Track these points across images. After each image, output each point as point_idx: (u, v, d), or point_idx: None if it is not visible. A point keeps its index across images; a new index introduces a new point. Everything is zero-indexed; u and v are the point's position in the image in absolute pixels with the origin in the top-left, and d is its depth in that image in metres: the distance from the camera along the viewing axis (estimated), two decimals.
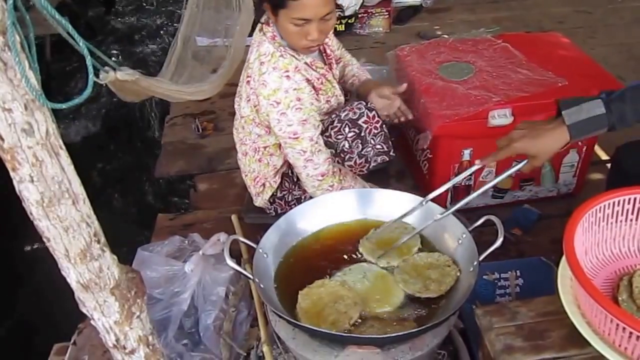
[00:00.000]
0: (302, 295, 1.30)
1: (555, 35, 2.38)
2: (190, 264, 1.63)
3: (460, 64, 2.10)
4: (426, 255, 1.39)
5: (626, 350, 0.94)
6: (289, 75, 1.67)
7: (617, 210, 1.15)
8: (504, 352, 1.06)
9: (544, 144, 1.28)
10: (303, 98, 1.68)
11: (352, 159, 1.83)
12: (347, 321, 1.24)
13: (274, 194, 1.94)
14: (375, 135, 1.80)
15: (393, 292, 1.32)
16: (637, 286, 1.07)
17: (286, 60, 1.69)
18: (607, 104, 1.23)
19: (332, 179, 1.76)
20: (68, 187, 0.95)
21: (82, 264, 1.03)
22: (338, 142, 1.80)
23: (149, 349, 1.22)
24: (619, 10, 3.86)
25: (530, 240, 2.04)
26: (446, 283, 1.29)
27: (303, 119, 1.68)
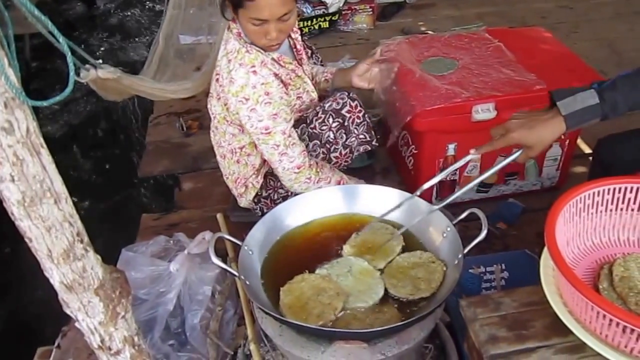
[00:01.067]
0: (283, 291, 1.30)
1: (537, 30, 2.40)
2: (175, 264, 1.63)
3: (445, 60, 2.11)
4: (409, 255, 1.37)
5: (607, 338, 0.95)
6: (256, 71, 1.66)
7: (597, 201, 1.16)
8: (488, 342, 1.07)
9: (540, 134, 1.28)
10: (272, 92, 1.67)
11: (337, 149, 1.84)
12: (332, 312, 1.24)
13: (258, 193, 1.94)
14: (359, 125, 1.83)
15: (374, 288, 1.31)
16: (617, 274, 1.08)
17: (252, 55, 1.68)
18: (600, 94, 1.24)
19: (309, 171, 1.76)
20: (50, 187, 0.94)
21: (66, 264, 1.02)
22: (322, 133, 1.81)
23: (135, 349, 1.21)
24: (600, 6, 3.90)
25: (515, 233, 2.06)
26: (435, 280, 1.29)
27: (273, 113, 1.68)
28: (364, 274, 1.35)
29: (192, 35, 2.86)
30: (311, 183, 1.77)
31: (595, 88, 1.26)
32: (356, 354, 1.20)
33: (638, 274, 1.08)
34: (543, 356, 1.04)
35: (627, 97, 1.24)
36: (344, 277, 1.34)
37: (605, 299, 0.97)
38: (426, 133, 1.96)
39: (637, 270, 1.08)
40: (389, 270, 1.35)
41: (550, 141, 1.30)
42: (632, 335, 0.90)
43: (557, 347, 1.05)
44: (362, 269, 1.36)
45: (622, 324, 0.89)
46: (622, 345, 0.94)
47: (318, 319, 1.23)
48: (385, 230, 1.45)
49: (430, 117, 1.88)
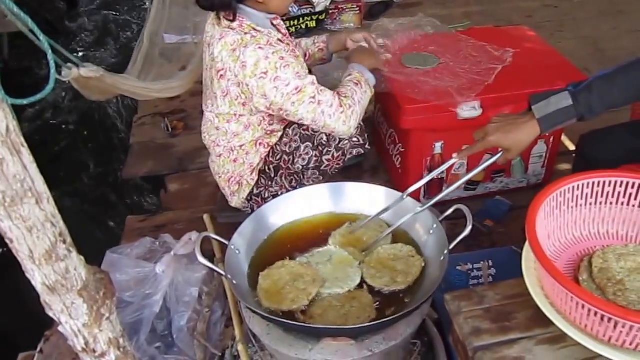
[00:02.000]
0: (262, 276, 1.33)
1: (522, 28, 2.42)
2: (161, 265, 1.62)
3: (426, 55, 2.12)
4: (390, 247, 1.39)
5: (586, 328, 0.97)
6: (262, 46, 1.65)
7: (577, 195, 1.18)
8: (472, 334, 1.08)
9: (516, 137, 1.32)
10: (285, 56, 1.66)
11: (330, 152, 1.83)
12: (306, 297, 1.27)
13: (251, 191, 1.94)
14: None
15: (352, 276, 1.33)
16: (596, 266, 1.10)
17: (257, 37, 1.67)
18: (574, 95, 1.27)
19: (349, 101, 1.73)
20: (31, 186, 0.94)
21: (48, 265, 1.01)
22: (316, 135, 1.80)
23: (120, 351, 1.20)
24: (584, 5, 3.94)
25: (502, 230, 2.08)
26: (412, 274, 1.31)
27: (296, 71, 1.66)
28: (343, 263, 1.37)
29: (177, 35, 2.85)
30: (356, 107, 1.74)
31: (569, 90, 1.29)
32: (344, 350, 1.21)
33: (616, 265, 1.09)
34: (525, 347, 1.05)
35: (603, 98, 1.27)
36: (323, 265, 1.36)
37: (584, 289, 0.99)
38: (413, 131, 1.97)
39: (615, 262, 1.10)
40: (368, 260, 1.37)
41: (526, 144, 1.33)
42: (609, 324, 0.91)
43: (538, 337, 1.07)
44: (342, 258, 1.38)
45: (600, 313, 0.90)
46: (601, 335, 0.95)
47: (292, 304, 1.26)
48: (380, 228, 1.46)
49: (416, 116, 1.88)
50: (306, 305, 1.27)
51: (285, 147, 1.85)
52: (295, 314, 1.26)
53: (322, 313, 1.25)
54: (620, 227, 1.21)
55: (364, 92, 1.79)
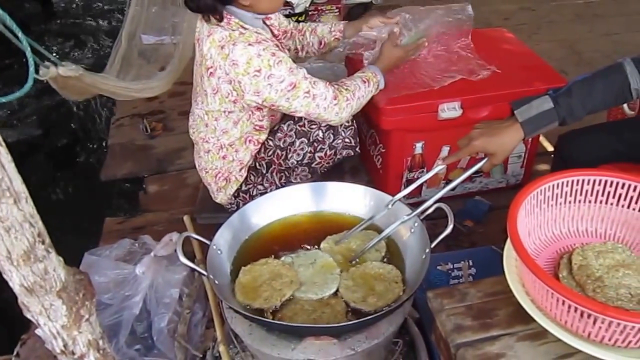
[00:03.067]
0: (243, 270, 1.33)
1: (500, 30, 2.45)
2: (141, 266, 1.60)
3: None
4: (380, 265, 1.36)
5: (566, 324, 0.98)
6: (251, 44, 1.63)
7: (556, 193, 1.19)
8: (454, 331, 1.09)
9: (501, 141, 1.34)
10: (276, 52, 1.65)
11: (324, 149, 1.83)
12: (279, 298, 1.27)
13: (239, 187, 1.92)
14: (347, 128, 1.83)
15: (329, 283, 1.32)
16: (575, 263, 1.11)
17: (245, 34, 1.66)
18: (555, 99, 1.30)
19: (345, 93, 1.74)
20: (9, 186, 0.92)
21: (26, 266, 0.99)
22: (312, 131, 1.80)
23: (100, 353, 1.19)
24: (561, 8, 4.01)
25: (482, 231, 2.10)
26: (385, 299, 1.27)
27: (289, 67, 1.65)
28: (325, 268, 1.36)
29: (155, 35, 2.83)
30: (353, 101, 1.75)
31: (550, 94, 1.32)
32: (326, 349, 1.20)
33: (595, 262, 1.11)
34: (506, 343, 1.06)
35: (583, 101, 1.30)
36: (305, 268, 1.36)
37: (564, 285, 1.00)
38: (393, 132, 1.98)
39: (594, 259, 1.12)
40: (353, 271, 1.36)
41: (511, 147, 1.35)
42: (589, 320, 0.92)
43: (519, 334, 1.08)
44: (326, 263, 1.38)
45: (580, 309, 0.91)
46: (581, 331, 0.96)
47: (264, 302, 1.26)
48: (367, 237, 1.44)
49: (396, 116, 1.89)
50: (278, 306, 1.27)
51: (279, 141, 1.84)
52: (265, 313, 1.26)
53: (292, 316, 1.25)
54: (598, 225, 1.23)
55: (369, 91, 1.82)
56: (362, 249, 1.39)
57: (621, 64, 1.32)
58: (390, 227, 1.37)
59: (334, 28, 2.05)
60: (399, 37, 1.95)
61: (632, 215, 1.19)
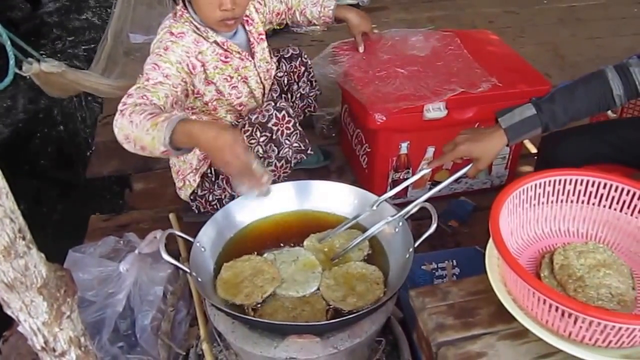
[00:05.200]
0: (225, 266, 1.34)
1: (485, 32, 2.47)
2: (125, 264, 1.59)
3: None
4: (362, 265, 1.36)
5: (547, 323, 0.99)
6: (172, 32, 1.64)
7: (538, 193, 1.21)
8: (435, 330, 1.09)
9: (485, 146, 1.37)
10: (170, 51, 1.60)
11: (272, 162, 1.77)
12: (260, 295, 1.28)
13: (194, 192, 1.93)
14: (289, 136, 1.75)
15: (310, 282, 1.33)
16: (557, 263, 1.13)
17: (178, 24, 1.67)
18: (538, 106, 1.34)
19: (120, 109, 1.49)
20: None
21: (6, 262, 0.98)
22: (252, 147, 1.72)
23: (81, 351, 1.18)
24: (544, 11, 4.05)
25: (466, 231, 2.11)
26: (365, 300, 1.26)
27: (154, 62, 1.57)
28: (307, 266, 1.36)
29: (142, 34, 2.82)
30: (121, 118, 1.45)
31: (533, 101, 1.35)
32: (308, 348, 1.20)
33: (576, 262, 1.12)
34: (488, 342, 1.07)
35: (565, 108, 1.33)
36: (287, 265, 1.36)
37: (546, 285, 1.01)
38: (379, 131, 1.98)
39: (575, 259, 1.13)
40: (335, 270, 1.36)
41: (494, 153, 1.39)
42: (570, 320, 0.93)
43: (501, 333, 1.09)
44: (308, 261, 1.38)
45: (561, 308, 0.92)
46: (562, 330, 0.97)
47: (245, 299, 1.27)
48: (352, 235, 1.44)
49: (382, 115, 1.90)
50: (259, 303, 1.27)
51: None
52: (246, 309, 1.26)
53: (272, 312, 1.25)
54: (580, 225, 1.25)
55: (146, 129, 1.37)
56: (345, 247, 1.39)
57: (603, 70, 1.35)
58: (375, 227, 1.38)
59: (323, 13, 2.08)
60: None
61: (614, 216, 1.21)
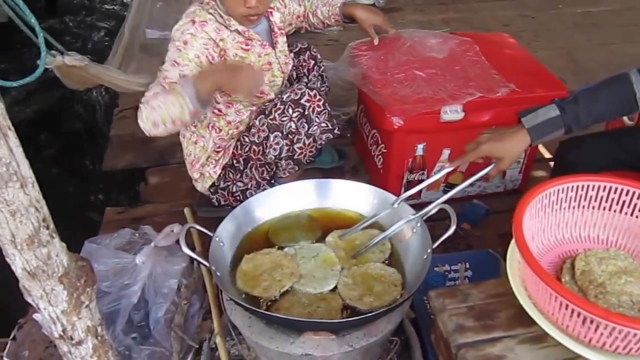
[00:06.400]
0: (246, 258, 1.35)
1: (502, 35, 2.46)
2: (141, 256, 1.60)
3: None
4: (382, 266, 1.36)
5: (567, 328, 0.99)
6: (194, 20, 1.68)
7: (561, 198, 1.20)
8: (455, 331, 1.09)
9: (508, 146, 1.37)
10: (189, 46, 1.65)
11: (301, 139, 1.82)
12: (278, 289, 1.29)
13: (215, 184, 1.94)
14: (320, 114, 1.81)
15: (328, 279, 1.33)
16: (578, 268, 1.12)
17: (203, 12, 1.70)
18: (561, 107, 1.33)
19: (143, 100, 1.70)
20: (16, 170, 0.92)
21: (30, 250, 0.99)
22: (284, 124, 1.79)
23: (98, 340, 1.19)
24: (560, 16, 4.03)
25: (479, 234, 2.10)
26: (382, 301, 1.26)
27: (175, 59, 1.65)
28: (326, 263, 1.37)
29: (159, 30, 2.83)
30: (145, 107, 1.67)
31: (556, 102, 1.35)
32: (324, 345, 1.21)
33: (598, 268, 1.12)
34: (507, 345, 1.07)
35: (589, 109, 1.33)
36: (307, 261, 1.37)
37: (568, 289, 1.01)
38: (395, 133, 1.98)
39: (597, 265, 1.13)
40: (353, 269, 1.36)
41: (517, 153, 1.38)
42: (591, 326, 0.93)
43: (520, 337, 1.09)
44: (327, 258, 1.38)
45: (583, 314, 0.92)
46: (582, 336, 0.97)
47: (263, 292, 1.28)
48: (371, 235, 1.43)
49: (399, 117, 1.90)
50: (276, 297, 1.28)
51: (253, 137, 1.85)
52: (262, 302, 1.27)
53: (289, 307, 1.26)
54: (601, 231, 1.24)
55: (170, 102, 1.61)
56: (366, 245, 1.39)
57: (627, 74, 1.34)
58: (395, 226, 1.38)
59: (332, 12, 2.08)
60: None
61: (635, 223, 1.20)
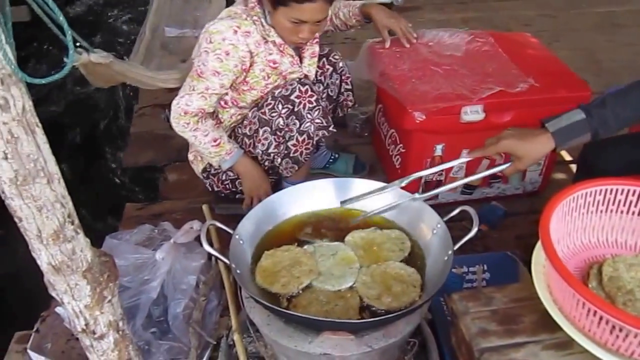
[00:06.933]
0: (266, 254, 1.36)
1: (524, 35, 2.43)
2: (161, 252, 1.61)
3: None
4: (402, 266, 1.35)
5: (595, 335, 0.97)
6: (238, 30, 1.70)
7: (588, 201, 1.18)
8: (478, 335, 1.08)
9: (530, 147, 1.32)
10: (230, 57, 1.70)
11: (293, 137, 1.80)
12: (297, 285, 1.29)
13: (206, 169, 2.00)
14: (312, 110, 1.79)
15: (346, 277, 1.33)
16: (606, 274, 1.10)
17: (248, 22, 1.72)
18: (587, 110, 1.28)
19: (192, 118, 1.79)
20: (43, 166, 0.93)
21: (55, 245, 1.00)
22: (272, 119, 1.79)
23: (119, 334, 1.20)
24: (581, 16, 3.98)
25: (496, 236, 2.09)
26: (400, 302, 1.26)
27: (216, 70, 1.72)
28: (344, 261, 1.37)
29: (177, 28, 2.85)
30: (188, 129, 1.80)
31: (582, 106, 1.30)
32: (343, 345, 1.20)
33: (626, 275, 1.10)
34: (532, 351, 1.05)
35: (617, 113, 1.28)
36: (326, 258, 1.37)
37: (596, 295, 0.99)
38: (414, 132, 1.97)
39: (625, 272, 1.11)
40: (372, 268, 1.36)
41: (538, 155, 1.34)
42: (620, 333, 0.91)
43: (545, 342, 1.07)
44: (346, 256, 1.38)
45: (612, 321, 0.90)
46: (610, 343, 0.96)
47: (282, 288, 1.28)
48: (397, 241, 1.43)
49: (421, 115, 1.88)
50: (295, 293, 1.28)
51: (245, 129, 1.87)
52: (281, 299, 1.27)
53: (307, 305, 1.26)
54: (629, 236, 1.22)
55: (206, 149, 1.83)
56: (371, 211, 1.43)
57: None
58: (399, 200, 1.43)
59: (352, 12, 2.08)
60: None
61: None
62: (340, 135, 2.52)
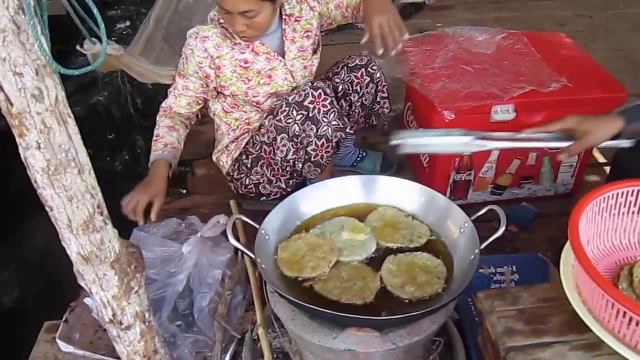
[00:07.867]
0: (281, 247, 1.37)
1: (559, 35, 2.39)
2: (188, 246, 1.63)
3: None
4: (429, 257, 1.35)
5: (625, 337, 0.95)
6: (197, 36, 1.78)
7: (620, 202, 1.16)
8: (504, 334, 1.07)
9: (598, 123, 1.32)
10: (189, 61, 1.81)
11: (312, 142, 1.80)
12: (327, 265, 1.31)
13: (229, 173, 2.03)
14: (327, 113, 1.77)
15: (367, 243, 1.37)
16: (637, 276, 1.07)
17: (207, 27, 1.79)
18: None
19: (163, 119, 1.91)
20: (75, 157, 0.95)
21: (85, 235, 1.02)
22: (289, 126, 1.79)
23: (145, 325, 1.22)
24: (619, 16, 3.88)
25: (526, 237, 2.05)
26: (423, 292, 1.26)
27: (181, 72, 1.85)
28: (356, 230, 1.40)
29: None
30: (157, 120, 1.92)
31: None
32: (368, 342, 1.20)
33: None
34: (559, 351, 1.03)
35: None
36: (337, 235, 1.39)
37: (627, 296, 0.97)
38: None
39: None
40: (399, 257, 1.35)
41: (606, 133, 1.32)
42: None
43: (573, 343, 1.05)
44: (354, 226, 1.41)
45: None
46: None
47: (313, 271, 1.30)
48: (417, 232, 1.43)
49: (452, 114, 1.86)
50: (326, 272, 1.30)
51: (263, 137, 1.88)
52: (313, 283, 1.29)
53: (327, 280, 1.29)
54: None
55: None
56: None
57: None
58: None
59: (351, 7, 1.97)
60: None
61: None
62: (369, 134, 2.51)
